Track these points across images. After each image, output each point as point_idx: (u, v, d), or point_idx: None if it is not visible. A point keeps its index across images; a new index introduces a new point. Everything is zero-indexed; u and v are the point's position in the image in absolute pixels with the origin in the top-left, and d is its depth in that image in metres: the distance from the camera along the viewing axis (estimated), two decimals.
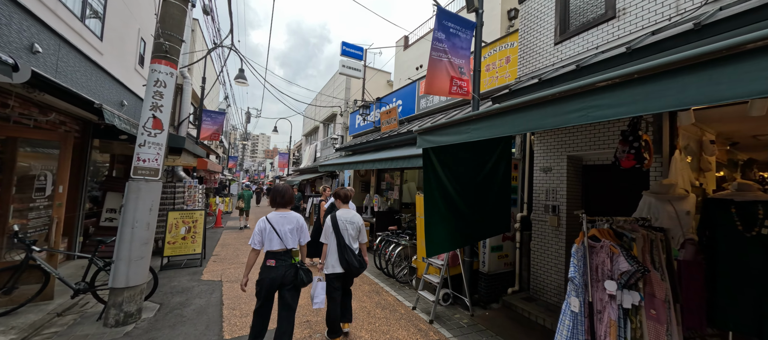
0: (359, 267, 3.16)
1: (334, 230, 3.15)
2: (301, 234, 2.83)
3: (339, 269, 3.09)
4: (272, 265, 2.64)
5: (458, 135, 2.83)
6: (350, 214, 3.29)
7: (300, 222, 2.83)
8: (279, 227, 2.69)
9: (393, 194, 8.86)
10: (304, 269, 2.75)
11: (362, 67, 11.61)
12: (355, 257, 3.14)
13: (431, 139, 3.27)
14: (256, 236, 2.69)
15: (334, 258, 3.11)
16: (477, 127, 2.55)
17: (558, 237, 4.15)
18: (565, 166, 4.16)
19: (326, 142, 16.54)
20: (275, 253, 2.66)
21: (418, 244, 4.90)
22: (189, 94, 11.49)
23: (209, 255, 6.72)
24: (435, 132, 3.19)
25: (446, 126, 2.95)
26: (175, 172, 11.16)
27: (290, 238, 2.71)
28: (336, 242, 3.12)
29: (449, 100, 6.39)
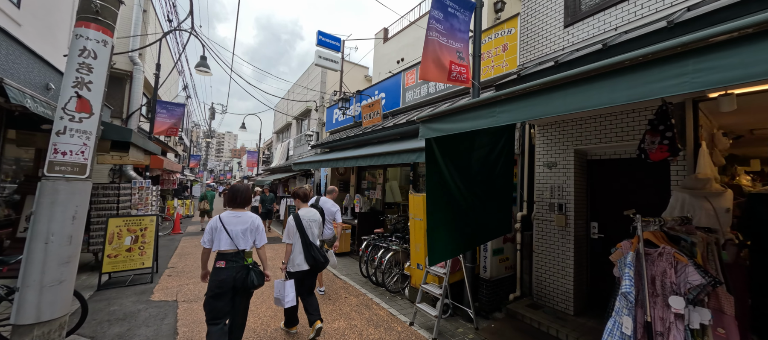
0: (324, 262, 3.26)
1: (298, 229, 3.18)
2: (257, 235, 2.76)
3: (305, 267, 3.15)
4: (222, 266, 2.56)
5: (474, 121, 2.34)
6: (312, 212, 3.35)
7: (255, 223, 2.76)
8: (230, 227, 2.64)
9: (375, 193, 8.29)
10: (256, 271, 2.68)
11: (340, 59, 10.89)
12: (320, 253, 3.23)
13: (438, 127, 2.76)
14: (207, 235, 2.65)
15: (300, 257, 3.15)
16: (506, 109, 2.06)
17: (565, 238, 3.83)
18: (572, 161, 3.85)
19: (300, 139, 15.57)
20: (225, 254, 2.60)
21: (412, 248, 4.38)
22: (140, 82, 10.14)
23: (163, 268, 5.72)
24: (443, 119, 2.68)
25: (459, 111, 2.44)
26: (124, 171, 9.78)
27: (242, 238, 2.65)
28: (301, 240, 3.17)
29: (440, 90, 5.95)
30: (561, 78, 1.70)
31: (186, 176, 20.57)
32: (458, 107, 2.42)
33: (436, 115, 2.73)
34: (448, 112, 2.56)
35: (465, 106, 2.37)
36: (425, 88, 6.33)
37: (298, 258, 3.14)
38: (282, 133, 20.55)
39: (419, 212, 4.24)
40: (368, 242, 5.39)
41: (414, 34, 10.04)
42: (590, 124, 3.69)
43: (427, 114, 2.85)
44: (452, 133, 2.65)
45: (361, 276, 5.44)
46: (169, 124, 10.15)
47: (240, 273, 2.58)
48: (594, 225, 3.91)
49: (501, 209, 3.93)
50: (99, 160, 7.62)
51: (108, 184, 5.98)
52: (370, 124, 7.46)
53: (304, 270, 3.15)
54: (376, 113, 7.28)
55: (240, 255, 2.64)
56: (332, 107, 10.32)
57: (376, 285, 4.97)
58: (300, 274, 3.15)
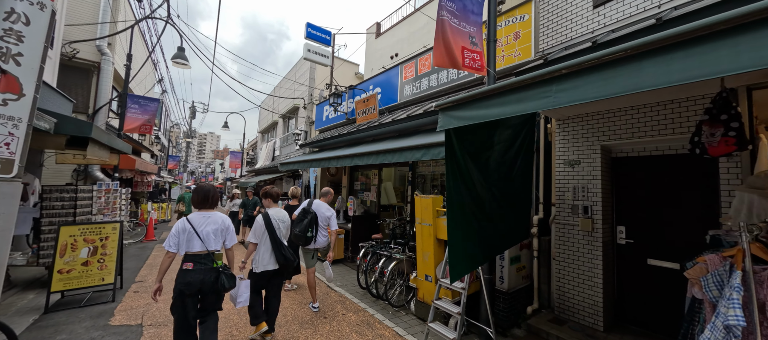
0: (293, 260, 3.19)
1: (268, 229, 3.14)
2: (227, 236, 2.70)
3: (272, 266, 3.11)
4: (189, 268, 2.46)
5: (517, 105, 1.88)
6: (281, 213, 3.33)
7: (225, 223, 2.70)
8: (200, 228, 2.56)
9: (370, 195, 7.76)
10: (227, 273, 2.58)
11: (330, 54, 10.31)
12: (290, 253, 3.17)
13: (463, 115, 2.28)
14: (173, 238, 2.50)
15: (267, 255, 3.10)
16: (567, 87, 1.60)
17: (592, 244, 3.43)
18: (599, 158, 3.46)
19: (287, 138, 14.84)
20: (194, 255, 2.51)
21: (418, 257, 3.89)
22: (109, 74, 9.24)
23: (130, 283, 4.98)
24: (471, 105, 2.21)
25: (498, 93, 1.97)
26: (89, 172, 8.85)
27: (213, 239, 2.58)
28: (270, 240, 3.12)
29: (443, 83, 5.50)
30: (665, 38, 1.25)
31: (163, 178, 19.34)
32: (498, 88, 1.95)
33: (463, 101, 2.25)
34: (481, 95, 2.08)
35: (508, 86, 1.89)
36: (426, 82, 5.88)
37: (266, 257, 3.09)
38: (267, 132, 19.68)
39: (427, 216, 3.75)
40: (366, 249, 4.86)
41: (408, 29, 9.61)
42: (619, 118, 3.31)
43: (450, 100, 2.36)
44: (476, 124, 2.20)
45: (359, 287, 4.90)
46: (142, 120, 9.27)
47: (209, 275, 2.49)
48: (621, 229, 3.54)
49: (520, 213, 3.51)
50: (58, 159, 6.77)
51: (63, 186, 5.19)
52: (365, 121, 6.94)
53: (272, 270, 3.10)
54: (371, 109, 6.77)
55: (209, 257, 2.55)
56: (322, 104, 9.73)
57: (377, 298, 4.44)
58: (267, 273, 3.11)
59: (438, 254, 3.69)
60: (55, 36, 7.07)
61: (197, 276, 2.45)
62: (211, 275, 2.49)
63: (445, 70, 5.51)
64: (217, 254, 2.62)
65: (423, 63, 6.00)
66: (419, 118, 5.14)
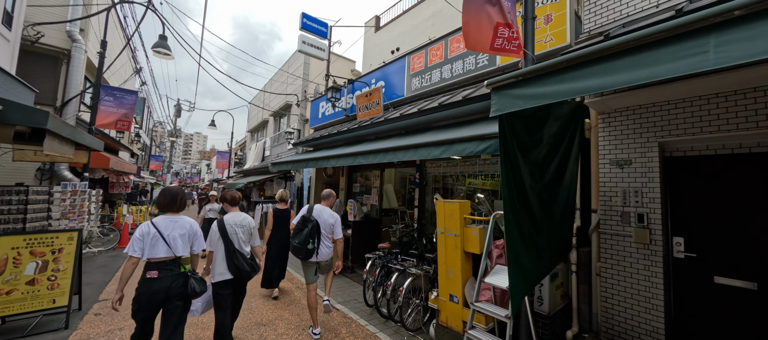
0: (251, 271, 2.92)
1: (222, 235, 2.90)
2: (195, 240, 2.57)
3: (228, 276, 2.85)
4: (154, 276, 2.30)
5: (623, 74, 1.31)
6: (240, 217, 3.07)
7: (194, 228, 2.58)
8: (167, 232, 2.41)
9: (370, 198, 7.13)
10: (196, 278, 2.46)
11: (326, 47, 9.67)
12: (247, 262, 2.91)
13: (529, 93, 1.75)
14: (136, 242, 2.34)
15: (222, 265, 2.86)
16: (735, 38, 1.03)
17: (649, 258, 2.91)
18: (656, 157, 2.95)
19: (278, 137, 14.07)
20: (160, 262, 2.35)
21: (441, 273, 3.29)
22: (81, 63, 8.37)
23: (91, 302, 4.20)
24: (544, 80, 1.65)
25: (591, 58, 1.39)
26: (56, 171, 7.93)
27: (180, 244, 2.44)
28: (224, 247, 2.87)
29: (458, 74, 4.93)
30: None
31: (144, 179, 18.20)
32: (607, 48, 1.35)
33: (534, 73, 1.67)
34: (572, 61, 1.49)
35: (622, 45, 1.31)
36: (437, 74, 5.31)
37: (220, 266, 2.84)
38: (257, 131, 18.81)
39: (453, 225, 3.16)
40: (374, 261, 4.23)
41: (411, 22, 9.07)
42: (682, 110, 2.81)
43: (512, 74, 1.78)
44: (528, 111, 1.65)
45: (365, 305, 4.26)
46: (118, 115, 8.40)
47: (176, 281, 2.36)
48: (678, 241, 3.03)
49: (565, 222, 2.97)
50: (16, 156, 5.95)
51: (11, 187, 4.37)
52: (367, 117, 6.32)
53: (227, 279, 2.83)
54: (374, 104, 6.16)
55: (176, 262, 2.42)
56: (318, 100, 9.06)
57: (387, 319, 3.82)
58: (223, 284, 2.83)
59: (466, 271, 3.11)
60: (13, 14, 6.19)
61: (163, 284, 2.30)
62: (179, 281, 2.36)
63: (459, 60, 4.97)
64: (184, 258, 2.48)
65: (434, 53, 5.44)
66: (433, 112, 4.57)
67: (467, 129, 3.73)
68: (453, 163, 5.41)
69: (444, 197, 6.08)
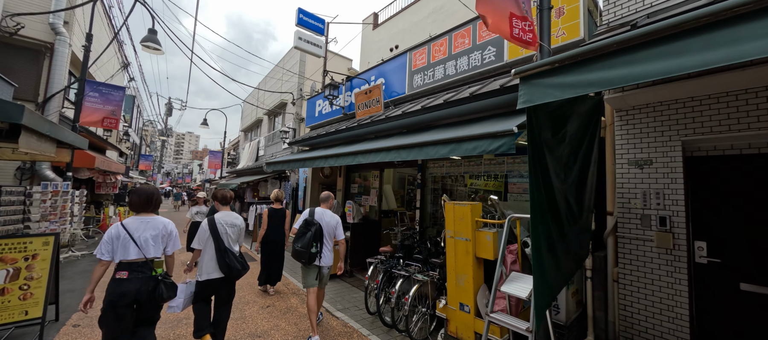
0: (241, 269, 2.89)
1: (212, 233, 2.86)
2: (169, 241, 2.48)
3: (217, 275, 2.82)
4: (123, 277, 2.22)
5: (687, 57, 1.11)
6: (231, 216, 3.04)
7: (168, 228, 2.47)
8: (137, 234, 2.34)
9: (369, 199, 6.90)
10: (167, 282, 2.36)
11: (323, 43, 9.42)
12: (237, 260, 2.88)
13: (564, 82, 1.55)
14: (105, 244, 2.27)
15: (211, 263, 2.82)
16: None
17: (673, 264, 2.74)
18: (679, 156, 2.79)
19: (272, 137, 13.75)
20: (130, 264, 2.27)
21: (450, 280, 3.07)
22: (65, 58, 7.98)
23: (71, 312, 3.89)
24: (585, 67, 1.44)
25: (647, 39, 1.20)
26: (37, 171, 7.52)
27: (152, 246, 2.37)
28: (214, 246, 2.83)
29: (463, 70, 4.74)
30: None
31: (132, 179, 17.67)
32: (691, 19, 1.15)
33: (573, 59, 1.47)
34: (621, 43, 1.29)
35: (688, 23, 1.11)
36: (441, 70, 5.11)
37: (209, 265, 2.81)
38: (251, 131, 18.43)
39: (464, 229, 2.96)
40: (376, 266, 4.00)
41: (411, 18, 8.88)
42: (708, 107, 2.65)
43: (546, 61, 1.58)
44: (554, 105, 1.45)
45: (367, 313, 4.03)
46: (105, 111, 8.02)
47: (146, 285, 2.28)
48: (700, 246, 2.87)
49: (585, 226, 2.78)
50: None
51: None
52: (367, 115, 6.10)
53: (216, 278, 2.81)
54: (375, 101, 5.94)
55: (148, 265, 2.34)
56: (314, 98, 8.80)
57: (391, 328, 3.59)
58: (211, 282, 2.81)
59: (477, 278, 2.90)
60: None
61: (133, 286, 2.23)
62: (148, 284, 2.28)
63: (464, 56, 4.78)
64: (157, 261, 2.41)
65: (437, 49, 5.24)
66: (438, 109, 4.37)
67: (477, 127, 3.53)
68: (456, 164, 5.22)
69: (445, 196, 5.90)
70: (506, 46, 4.24)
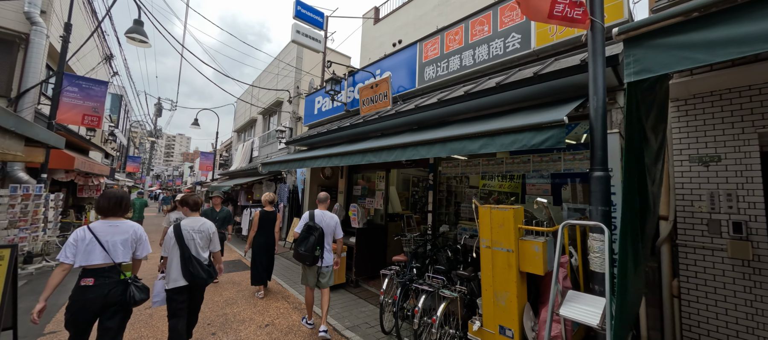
0: (207, 278, 2.78)
1: (177, 241, 2.75)
2: (138, 246, 2.41)
3: (182, 282, 2.70)
4: (89, 284, 2.14)
5: None
6: (198, 222, 2.93)
7: (138, 233, 2.41)
8: (105, 237, 2.25)
9: (374, 202, 6.42)
10: (137, 285, 2.31)
11: (322, 37, 8.94)
12: (203, 268, 2.77)
13: (706, 38, 1.06)
14: (69, 247, 2.18)
15: (177, 271, 2.71)
16: None
17: (752, 277, 2.33)
18: (756, 152, 2.39)
19: (267, 137, 13.18)
20: (96, 269, 2.19)
21: (486, 297, 2.61)
22: (42, 49, 7.34)
23: (33, 336, 3.32)
24: (743, 15, 0.97)
25: None
26: (8, 172, 6.85)
27: (120, 250, 2.29)
28: (179, 253, 2.73)
29: (482, 60, 4.30)
30: None
31: (118, 181, 16.85)
32: None
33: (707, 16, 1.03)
34: None
35: None
36: (457, 61, 4.68)
37: (174, 273, 2.73)
38: (244, 131, 17.78)
39: (504, 238, 2.50)
40: (391, 278, 3.52)
41: (415, 12, 8.46)
42: None
43: (674, 12, 1.13)
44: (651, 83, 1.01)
45: (381, 332, 3.54)
46: (84, 108, 7.38)
47: (114, 289, 2.20)
48: None
49: (651, 230, 2.35)
50: None
51: None
52: (373, 111, 5.63)
53: (181, 286, 2.71)
54: (382, 96, 5.48)
55: (114, 270, 2.25)
56: (313, 95, 8.30)
57: None
58: (180, 290, 2.72)
59: (522, 296, 2.45)
60: None
61: (99, 292, 2.16)
62: (118, 289, 2.23)
63: (483, 45, 4.35)
64: (125, 264, 2.34)
65: (451, 38, 4.81)
66: (458, 101, 3.92)
67: (508, 119, 3.10)
68: (473, 163, 4.79)
69: (453, 200, 5.46)
70: (533, 32, 3.83)
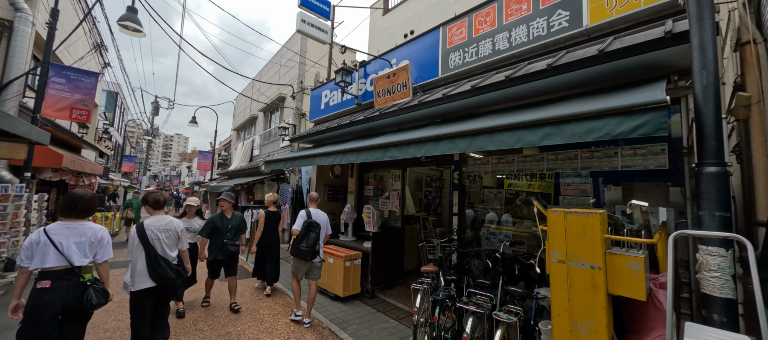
0: (176, 277, 2.75)
1: (141, 241, 2.69)
2: (99, 249, 2.32)
3: (149, 284, 2.66)
4: (46, 287, 2.11)
5: None
6: (164, 220, 2.86)
7: (98, 235, 2.34)
8: (60, 239, 2.20)
9: (388, 203, 5.89)
10: (96, 288, 2.27)
11: (329, 28, 8.40)
12: (171, 268, 2.74)
13: None
14: (24, 250, 2.17)
15: (142, 273, 2.65)
16: None
17: None
18: None
19: (268, 135, 12.62)
20: (51, 271, 2.15)
21: (558, 327, 2.08)
22: (28, 38, 6.79)
23: None
24: None
25: None
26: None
27: (77, 253, 2.23)
28: (145, 254, 2.67)
29: (521, 43, 3.78)
30: None
31: (113, 181, 16.24)
32: None
33: None
34: None
35: None
36: (489, 45, 4.15)
37: (139, 274, 2.64)
38: (244, 129, 17.21)
39: (588, 251, 1.97)
40: (425, 293, 2.99)
41: (428, 0, 7.94)
42: None
43: None
44: None
45: None
46: (72, 101, 6.81)
47: (72, 292, 2.18)
48: None
49: None
50: None
51: None
52: (391, 103, 5.09)
53: (148, 287, 2.64)
54: (400, 86, 4.94)
55: (73, 272, 2.21)
56: (320, 89, 7.76)
57: None
58: (145, 292, 2.64)
59: (610, 326, 1.92)
60: None
61: (57, 294, 2.11)
62: (75, 291, 2.18)
63: (522, 25, 3.83)
64: (85, 267, 2.27)
65: (481, 20, 4.29)
66: (496, 88, 3.40)
67: (566, 106, 2.58)
68: (506, 160, 4.27)
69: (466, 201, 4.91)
70: (586, 7, 3.30)
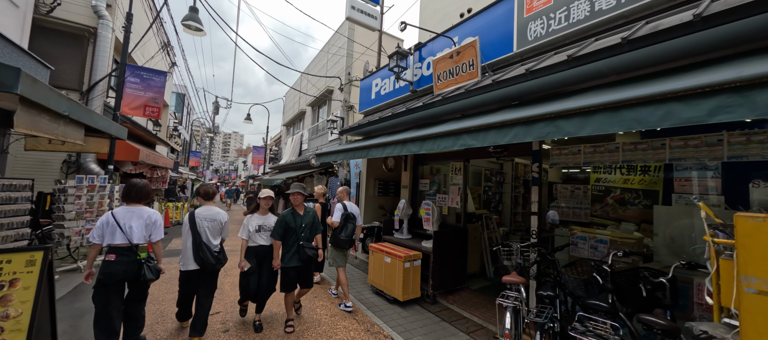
0: (216, 263, 3.09)
1: (191, 228, 3.09)
2: (153, 230, 2.77)
3: (192, 266, 3.05)
4: (112, 259, 2.56)
5: None
6: (212, 211, 3.20)
7: (152, 218, 2.77)
8: (124, 221, 2.66)
9: (447, 199, 5.34)
10: (150, 265, 2.71)
11: (378, 13, 7.99)
12: (212, 254, 3.08)
13: None
14: (96, 230, 2.61)
15: (188, 255, 3.06)
16: None
17: None
18: None
19: (316, 129, 12.73)
20: (116, 248, 2.61)
21: None
22: (108, 43, 7.40)
23: None
24: None
25: None
26: (81, 163, 7.03)
27: (136, 233, 2.66)
28: (192, 239, 3.06)
29: (625, 2, 2.96)
30: None
31: (182, 174, 17.86)
32: None
33: None
34: None
35: None
36: (586, 6, 3.35)
37: (186, 256, 3.07)
38: (293, 124, 17.75)
39: None
40: (513, 311, 2.42)
41: None
42: None
43: None
44: None
45: None
46: (145, 98, 7.33)
47: (131, 267, 2.60)
48: None
49: None
50: (28, 144, 4.94)
51: None
52: (454, 86, 4.51)
53: (192, 270, 3.04)
54: (466, 66, 4.33)
55: (132, 250, 2.63)
56: (370, 78, 7.41)
57: None
58: (189, 274, 3.08)
59: None
60: None
61: (119, 267, 2.55)
62: (133, 267, 2.61)
63: None
64: (142, 246, 2.67)
65: None
66: (606, 55, 2.65)
67: (695, 76, 1.79)
68: (604, 150, 3.47)
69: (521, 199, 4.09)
70: None
